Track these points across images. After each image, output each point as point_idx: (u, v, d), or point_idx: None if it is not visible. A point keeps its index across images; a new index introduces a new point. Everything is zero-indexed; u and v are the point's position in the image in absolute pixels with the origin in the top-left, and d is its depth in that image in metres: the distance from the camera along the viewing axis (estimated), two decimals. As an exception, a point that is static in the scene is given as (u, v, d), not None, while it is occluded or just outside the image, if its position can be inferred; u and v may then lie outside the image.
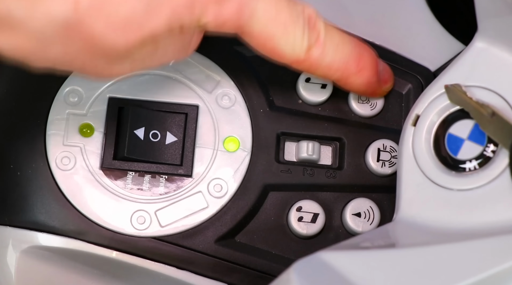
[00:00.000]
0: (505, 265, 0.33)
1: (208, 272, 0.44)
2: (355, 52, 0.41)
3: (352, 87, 0.43)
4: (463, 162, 0.39)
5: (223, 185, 0.44)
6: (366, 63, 0.42)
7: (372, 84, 0.43)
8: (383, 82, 0.44)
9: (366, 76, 0.42)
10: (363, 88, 0.43)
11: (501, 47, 0.39)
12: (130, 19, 0.34)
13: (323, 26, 0.40)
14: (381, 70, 0.44)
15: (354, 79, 0.42)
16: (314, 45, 0.39)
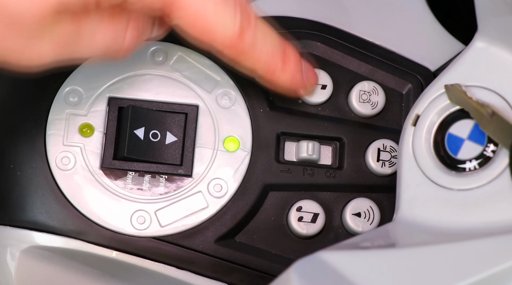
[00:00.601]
0: (505, 265, 0.33)
1: (208, 272, 0.44)
2: (282, 46, 0.41)
3: (277, 82, 0.42)
4: (463, 162, 0.39)
5: (223, 185, 0.44)
6: (291, 58, 0.42)
7: (296, 81, 0.43)
8: (307, 80, 0.44)
9: (291, 72, 0.42)
10: (287, 84, 0.43)
11: (501, 47, 0.39)
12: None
13: (253, 13, 0.39)
14: (305, 69, 0.43)
15: (279, 74, 0.42)
16: (246, 28, 0.38)
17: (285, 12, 0.48)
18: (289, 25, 0.47)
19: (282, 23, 0.47)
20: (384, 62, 0.47)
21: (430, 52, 0.48)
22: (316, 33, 0.47)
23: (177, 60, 0.46)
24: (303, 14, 0.48)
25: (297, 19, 0.47)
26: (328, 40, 0.47)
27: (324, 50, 0.47)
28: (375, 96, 0.46)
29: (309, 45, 0.47)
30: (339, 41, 0.47)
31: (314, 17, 0.47)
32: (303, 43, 0.46)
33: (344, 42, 0.47)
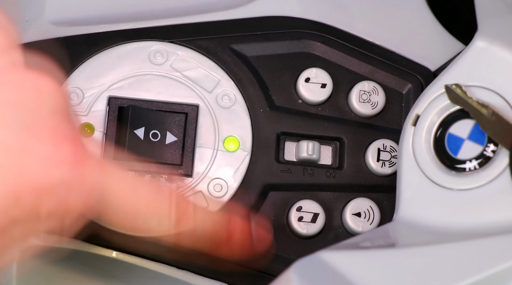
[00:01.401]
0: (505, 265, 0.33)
1: (208, 272, 0.44)
2: (224, 219, 0.39)
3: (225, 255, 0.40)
4: (463, 162, 0.39)
5: (223, 185, 0.44)
6: (236, 228, 0.40)
7: (246, 248, 0.41)
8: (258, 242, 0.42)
9: (239, 241, 0.40)
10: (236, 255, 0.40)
11: (501, 47, 0.39)
12: None
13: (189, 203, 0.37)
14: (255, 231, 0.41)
15: (226, 247, 0.39)
16: (183, 218, 0.36)
17: (285, 12, 0.48)
18: (289, 25, 0.47)
19: (282, 23, 0.47)
20: (384, 62, 0.47)
21: (430, 52, 0.48)
22: (316, 33, 0.47)
23: (177, 60, 0.46)
24: (303, 14, 0.48)
25: (297, 19, 0.47)
26: (328, 40, 0.47)
27: (324, 50, 0.47)
28: (375, 96, 0.46)
29: (309, 45, 0.47)
30: (339, 41, 0.47)
31: (314, 17, 0.47)
32: (303, 43, 0.46)
33: (344, 42, 0.47)
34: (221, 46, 0.46)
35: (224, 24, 0.47)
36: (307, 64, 0.46)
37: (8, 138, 0.30)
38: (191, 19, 0.47)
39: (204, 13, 0.47)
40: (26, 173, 0.30)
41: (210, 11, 0.47)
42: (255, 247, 0.41)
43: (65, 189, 0.31)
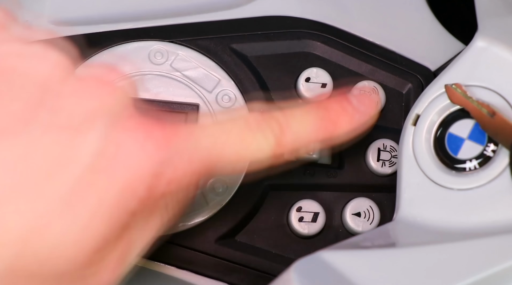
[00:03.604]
0: (505, 265, 0.33)
1: (208, 272, 0.44)
2: (321, 111, 0.38)
3: (343, 140, 0.39)
4: (463, 161, 0.39)
5: (223, 185, 0.44)
6: (339, 113, 0.38)
7: (357, 125, 0.39)
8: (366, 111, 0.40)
9: (347, 123, 0.39)
10: (352, 133, 0.39)
11: (501, 47, 0.39)
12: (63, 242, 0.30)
13: (277, 111, 0.37)
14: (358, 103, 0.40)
15: (338, 135, 0.38)
16: (280, 135, 0.36)
17: (285, 12, 0.48)
18: (289, 25, 0.47)
19: (282, 23, 0.47)
20: (384, 62, 0.47)
21: (430, 52, 0.48)
22: (316, 33, 0.47)
23: (177, 60, 0.46)
24: (303, 14, 0.48)
25: (297, 19, 0.47)
26: (328, 40, 0.47)
27: (324, 50, 0.47)
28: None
29: (309, 45, 0.47)
30: (339, 41, 0.47)
31: (314, 17, 0.47)
32: (303, 43, 0.47)
33: (344, 42, 0.47)
34: (221, 46, 0.46)
35: (224, 24, 0.47)
36: (307, 64, 0.46)
37: (101, 140, 0.31)
38: (191, 19, 0.47)
39: (204, 13, 0.47)
40: (131, 167, 0.31)
41: (210, 11, 0.47)
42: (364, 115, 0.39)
43: (171, 168, 0.32)
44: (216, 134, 0.35)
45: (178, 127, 0.33)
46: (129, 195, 0.31)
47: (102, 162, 0.31)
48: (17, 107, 0.30)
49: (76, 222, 0.30)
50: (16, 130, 0.30)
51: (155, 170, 0.32)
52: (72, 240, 0.30)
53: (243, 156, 0.35)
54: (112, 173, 0.31)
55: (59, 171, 0.30)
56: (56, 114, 0.31)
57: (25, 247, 0.30)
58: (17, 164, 0.30)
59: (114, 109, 0.32)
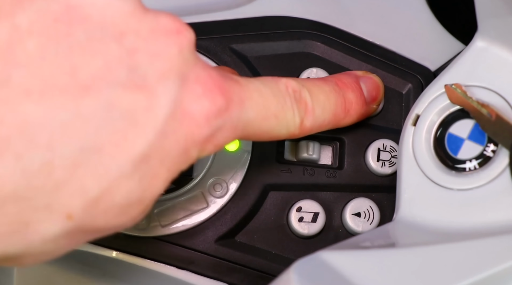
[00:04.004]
0: (505, 265, 0.33)
1: (208, 272, 0.44)
2: (340, 99, 0.41)
3: (344, 126, 0.42)
4: (463, 161, 0.39)
5: (223, 185, 0.44)
6: (352, 102, 0.42)
7: (363, 114, 0.43)
8: (371, 102, 0.44)
9: (355, 113, 0.42)
10: (355, 122, 0.43)
11: (501, 47, 0.39)
12: (129, 203, 0.32)
13: (307, 93, 0.39)
14: (367, 93, 0.43)
15: (344, 122, 0.42)
16: (305, 117, 0.39)
17: (285, 12, 0.48)
18: (289, 25, 0.47)
19: (282, 23, 0.47)
20: (384, 62, 0.47)
21: (430, 52, 0.48)
22: (316, 33, 0.47)
23: (177, 60, 0.46)
24: (303, 14, 0.48)
25: (297, 19, 0.47)
26: (328, 40, 0.47)
27: (324, 50, 0.47)
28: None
29: (309, 45, 0.47)
30: (339, 41, 0.47)
31: (314, 17, 0.47)
32: (303, 43, 0.46)
33: (344, 42, 0.47)
34: (221, 46, 0.46)
35: (224, 24, 0.47)
36: (307, 64, 0.46)
37: (171, 104, 0.32)
38: (191, 19, 0.47)
39: (204, 13, 0.47)
40: (193, 132, 0.33)
41: (210, 11, 0.47)
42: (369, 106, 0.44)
43: (221, 133, 0.34)
44: (260, 106, 0.36)
45: (233, 92, 0.35)
46: (184, 158, 0.33)
47: (169, 126, 0.32)
48: (98, 63, 0.31)
49: (141, 183, 0.32)
50: (98, 89, 0.30)
51: (210, 135, 0.34)
52: (135, 199, 0.32)
53: (271, 131, 0.37)
54: (176, 138, 0.32)
55: (134, 133, 0.31)
56: (133, 73, 0.31)
57: (97, 206, 0.31)
58: (99, 123, 0.30)
59: (183, 69, 0.33)
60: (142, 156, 0.31)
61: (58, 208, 0.30)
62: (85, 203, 0.31)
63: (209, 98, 0.33)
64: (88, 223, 0.31)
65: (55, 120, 0.29)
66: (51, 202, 0.30)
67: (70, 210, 0.31)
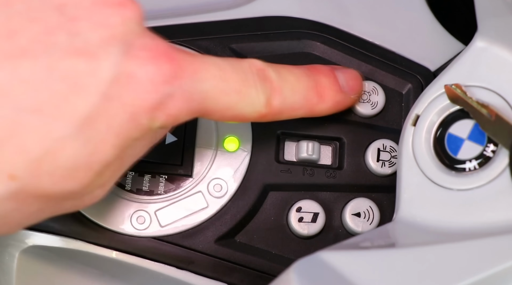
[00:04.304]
0: (505, 265, 0.33)
1: (208, 272, 0.44)
2: (311, 82, 0.40)
3: (321, 114, 0.42)
4: (463, 162, 0.39)
5: (223, 185, 0.44)
6: (325, 87, 0.41)
7: (339, 102, 0.42)
8: (350, 92, 0.43)
9: (330, 99, 0.41)
10: (332, 110, 0.42)
11: (501, 47, 0.39)
12: (75, 164, 0.32)
13: (273, 72, 0.39)
14: (344, 81, 0.43)
15: (319, 108, 0.41)
16: (271, 96, 0.38)
17: (285, 12, 0.48)
18: (289, 25, 0.47)
19: (282, 23, 0.47)
20: (384, 62, 0.47)
21: (430, 52, 0.48)
22: (316, 33, 0.47)
23: (177, 60, 0.46)
24: (303, 14, 0.48)
25: (297, 19, 0.47)
26: (328, 40, 0.47)
27: (324, 50, 0.47)
28: (375, 96, 0.46)
29: (309, 45, 0.47)
30: (339, 41, 0.47)
31: (314, 17, 0.47)
32: (303, 43, 0.46)
33: (344, 42, 0.47)
34: (221, 46, 0.46)
35: (224, 24, 0.47)
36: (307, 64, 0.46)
37: (115, 68, 0.32)
38: (191, 19, 0.47)
39: (204, 13, 0.47)
40: (139, 97, 0.33)
41: (210, 11, 0.47)
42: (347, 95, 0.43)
43: (172, 103, 0.34)
44: (217, 79, 0.36)
45: (185, 61, 0.35)
46: (133, 124, 0.33)
47: (113, 90, 0.32)
48: (36, 29, 0.31)
49: (87, 146, 0.32)
50: (37, 52, 0.31)
51: (159, 102, 0.33)
52: (82, 163, 0.32)
53: (233, 108, 0.37)
54: (121, 102, 0.32)
55: (76, 96, 0.31)
56: (73, 38, 0.32)
57: (40, 167, 0.31)
58: (37, 85, 0.31)
59: (128, 37, 0.33)
60: (86, 119, 0.31)
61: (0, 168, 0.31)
62: (27, 163, 0.31)
63: (155, 63, 0.33)
64: (33, 184, 0.31)
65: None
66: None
67: (12, 170, 0.31)
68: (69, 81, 0.31)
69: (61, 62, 0.31)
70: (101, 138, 0.32)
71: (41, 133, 0.31)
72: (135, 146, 0.35)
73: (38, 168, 0.31)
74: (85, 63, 0.32)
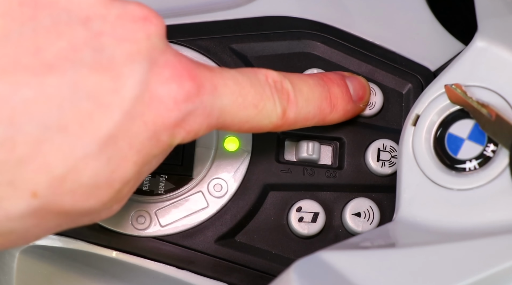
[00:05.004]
0: (505, 265, 0.33)
1: (208, 272, 0.44)
2: (324, 92, 0.41)
3: (331, 122, 0.42)
4: (463, 162, 0.39)
5: (223, 185, 0.44)
6: (337, 97, 0.41)
7: (349, 111, 0.43)
8: (358, 101, 0.44)
9: (342, 109, 0.42)
10: (342, 119, 0.43)
11: (501, 47, 0.39)
12: (97, 182, 0.32)
13: (289, 84, 0.39)
14: (354, 91, 0.43)
15: (331, 117, 0.42)
16: (287, 107, 0.38)
17: (285, 12, 0.48)
18: (289, 25, 0.47)
19: (282, 23, 0.47)
20: (384, 62, 0.47)
21: (430, 52, 0.48)
22: (316, 33, 0.47)
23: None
24: (303, 14, 0.48)
25: (297, 19, 0.47)
26: (328, 40, 0.47)
27: (324, 50, 0.47)
28: (372, 96, 0.46)
29: (309, 45, 0.47)
30: (339, 41, 0.47)
31: (314, 17, 0.48)
32: (303, 43, 0.46)
33: (344, 42, 0.47)
34: (221, 46, 0.46)
35: (224, 24, 0.47)
36: (307, 64, 0.46)
37: (138, 86, 0.32)
38: (191, 19, 0.47)
39: (204, 13, 0.47)
40: (161, 116, 0.33)
41: (210, 11, 0.47)
42: (356, 104, 0.43)
43: (193, 119, 0.34)
44: (235, 94, 0.36)
45: (205, 78, 0.35)
46: (154, 142, 0.33)
47: (137, 108, 0.32)
48: (63, 44, 0.31)
49: (109, 165, 0.32)
50: (62, 69, 0.31)
51: (180, 120, 0.34)
52: (103, 181, 0.32)
53: (251, 121, 0.37)
54: (144, 120, 0.32)
55: (100, 114, 0.31)
56: (98, 54, 0.32)
57: (63, 185, 0.31)
58: (62, 102, 0.31)
59: (152, 53, 0.33)
60: (109, 137, 0.31)
61: (22, 185, 0.30)
62: (50, 181, 0.31)
63: (178, 81, 0.33)
64: (55, 202, 0.31)
65: (17, 96, 0.30)
66: (14, 178, 0.30)
67: (35, 187, 0.31)
68: (93, 99, 0.31)
69: (87, 79, 0.31)
70: (123, 156, 0.32)
71: (64, 151, 0.31)
72: (153, 162, 0.35)
73: (60, 186, 0.31)
74: (110, 80, 0.32)
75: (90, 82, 0.31)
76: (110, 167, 0.32)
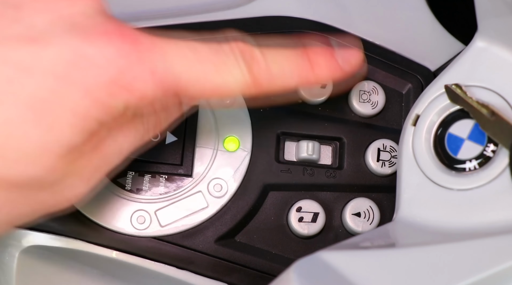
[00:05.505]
0: (505, 265, 0.33)
1: (208, 272, 0.44)
2: (297, 52, 0.38)
3: (318, 81, 0.39)
4: (463, 162, 0.39)
5: (223, 185, 0.44)
6: (316, 52, 0.38)
7: (335, 69, 0.39)
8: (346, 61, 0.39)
9: (324, 65, 0.38)
10: (329, 78, 0.39)
11: (501, 47, 0.39)
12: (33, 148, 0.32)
13: (259, 51, 0.37)
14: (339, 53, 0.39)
15: (315, 76, 0.38)
16: (253, 64, 0.36)
17: (285, 12, 0.48)
18: (289, 25, 0.47)
19: (282, 23, 0.47)
20: (384, 62, 0.47)
21: (430, 52, 0.48)
22: (316, 33, 0.47)
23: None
24: (303, 14, 0.48)
25: (297, 19, 0.47)
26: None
27: (324, 50, 0.47)
28: (375, 96, 0.46)
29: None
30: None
31: (314, 17, 0.48)
32: (303, 43, 0.47)
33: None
34: (221, 46, 0.46)
35: (224, 24, 0.47)
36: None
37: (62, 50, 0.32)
38: (191, 19, 0.47)
39: (204, 13, 0.47)
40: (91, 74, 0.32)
41: (210, 11, 0.47)
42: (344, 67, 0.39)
43: (132, 76, 0.33)
44: (191, 61, 0.35)
45: (147, 40, 0.34)
46: (90, 102, 0.32)
47: (62, 69, 0.32)
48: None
49: (39, 126, 0.32)
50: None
51: (114, 76, 0.33)
52: (41, 145, 0.32)
53: (217, 87, 0.35)
54: (72, 80, 0.32)
55: (22, 79, 0.31)
56: (16, 26, 0.32)
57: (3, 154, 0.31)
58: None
59: (74, 19, 0.33)
60: (34, 99, 0.32)
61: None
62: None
63: (106, 40, 0.33)
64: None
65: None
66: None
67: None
68: (11, 66, 0.32)
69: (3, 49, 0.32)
70: (55, 117, 0.32)
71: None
72: (116, 135, 0.34)
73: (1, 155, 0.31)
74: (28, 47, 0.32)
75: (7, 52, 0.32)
76: (41, 129, 0.32)
